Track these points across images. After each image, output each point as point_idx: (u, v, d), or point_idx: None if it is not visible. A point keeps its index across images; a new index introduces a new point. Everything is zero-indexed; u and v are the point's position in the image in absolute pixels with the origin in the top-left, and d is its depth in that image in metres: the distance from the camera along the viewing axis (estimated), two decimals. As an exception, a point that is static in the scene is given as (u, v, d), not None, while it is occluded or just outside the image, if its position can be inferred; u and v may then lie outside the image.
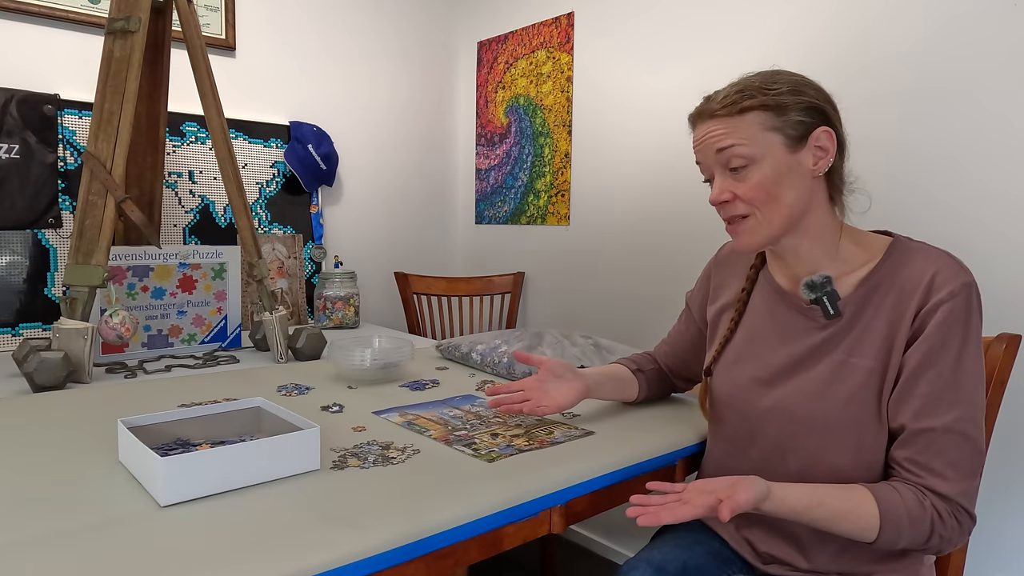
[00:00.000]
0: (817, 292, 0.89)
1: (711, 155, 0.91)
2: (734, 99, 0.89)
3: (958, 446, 0.82)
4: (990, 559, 1.38)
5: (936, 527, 0.81)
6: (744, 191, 0.89)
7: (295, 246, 2.14)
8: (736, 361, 1.01)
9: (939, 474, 0.81)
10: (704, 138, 0.91)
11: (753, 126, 0.87)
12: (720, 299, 1.09)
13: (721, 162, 0.90)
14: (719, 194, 0.91)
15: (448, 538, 0.75)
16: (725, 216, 0.93)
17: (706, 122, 0.91)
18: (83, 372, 1.30)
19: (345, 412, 1.13)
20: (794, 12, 1.65)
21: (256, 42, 2.09)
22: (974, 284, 0.85)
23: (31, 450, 0.91)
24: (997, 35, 1.34)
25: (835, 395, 0.88)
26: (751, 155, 0.87)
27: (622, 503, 0.98)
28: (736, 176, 0.89)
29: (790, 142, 0.87)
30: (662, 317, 1.95)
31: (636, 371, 1.19)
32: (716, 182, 0.92)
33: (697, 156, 0.94)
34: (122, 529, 0.69)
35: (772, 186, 0.88)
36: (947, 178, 1.42)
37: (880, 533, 0.80)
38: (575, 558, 2.17)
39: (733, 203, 0.90)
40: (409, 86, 2.49)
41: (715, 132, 0.89)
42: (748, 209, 0.89)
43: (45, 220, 1.69)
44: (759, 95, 0.88)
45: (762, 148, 0.87)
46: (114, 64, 1.34)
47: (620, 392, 1.17)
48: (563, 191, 2.26)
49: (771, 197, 0.88)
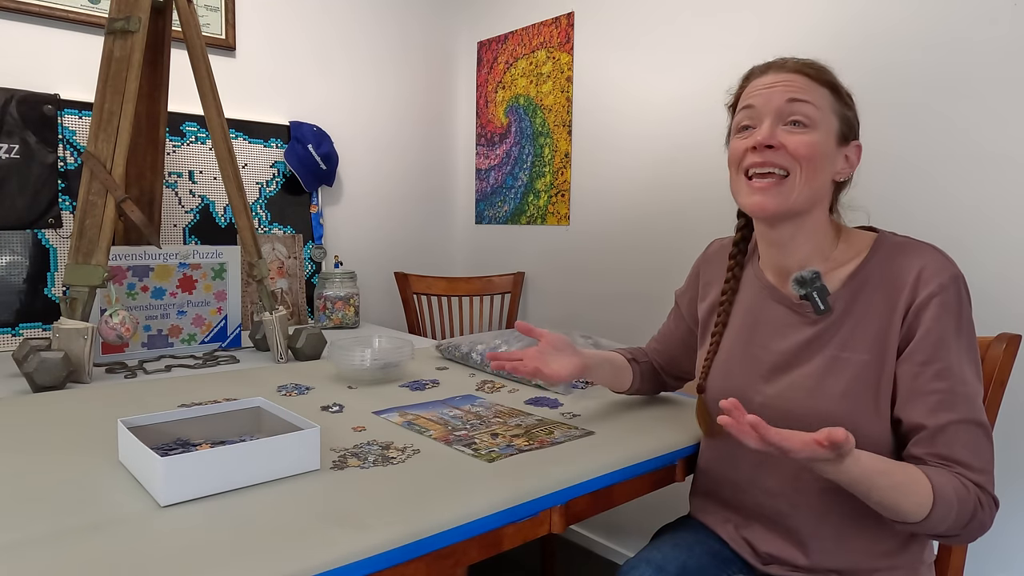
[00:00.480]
0: (807, 287, 0.90)
1: (777, 101, 0.88)
2: (818, 67, 0.90)
3: (976, 436, 0.82)
4: (990, 559, 1.38)
5: (978, 511, 0.81)
6: (796, 145, 0.87)
7: (295, 246, 2.14)
8: (728, 359, 1.01)
9: (967, 464, 0.82)
10: (777, 83, 0.89)
11: (825, 99, 0.89)
12: (709, 296, 1.09)
13: (784, 113, 0.88)
14: (769, 136, 0.88)
15: (448, 538, 0.75)
16: (760, 162, 0.89)
17: (781, 73, 0.90)
18: (83, 372, 1.30)
19: (345, 412, 1.13)
20: (794, 12, 1.65)
21: (256, 42, 2.09)
22: (961, 276, 0.86)
23: (31, 450, 0.91)
24: (997, 35, 1.34)
25: (829, 390, 0.88)
26: (817, 120, 0.88)
27: (622, 503, 0.99)
28: (791, 131, 0.88)
29: (840, 135, 0.90)
30: (662, 317, 1.94)
31: (631, 360, 1.19)
32: (766, 125, 0.88)
33: (752, 99, 0.91)
34: (122, 529, 0.69)
35: (820, 156, 0.88)
36: (946, 178, 1.42)
37: (932, 510, 0.78)
38: (575, 558, 2.17)
39: (778, 151, 0.88)
40: (409, 86, 2.49)
41: (793, 83, 0.88)
42: (790, 164, 0.87)
43: (45, 220, 1.69)
44: (834, 77, 0.91)
45: (825, 122, 0.89)
46: (114, 64, 1.34)
47: (614, 378, 1.16)
48: (563, 191, 2.26)
49: (815, 164, 0.88)
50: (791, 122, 0.88)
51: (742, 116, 0.92)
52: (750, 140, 0.89)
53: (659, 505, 1.64)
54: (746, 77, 0.95)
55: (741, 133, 0.93)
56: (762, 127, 0.89)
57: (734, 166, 0.93)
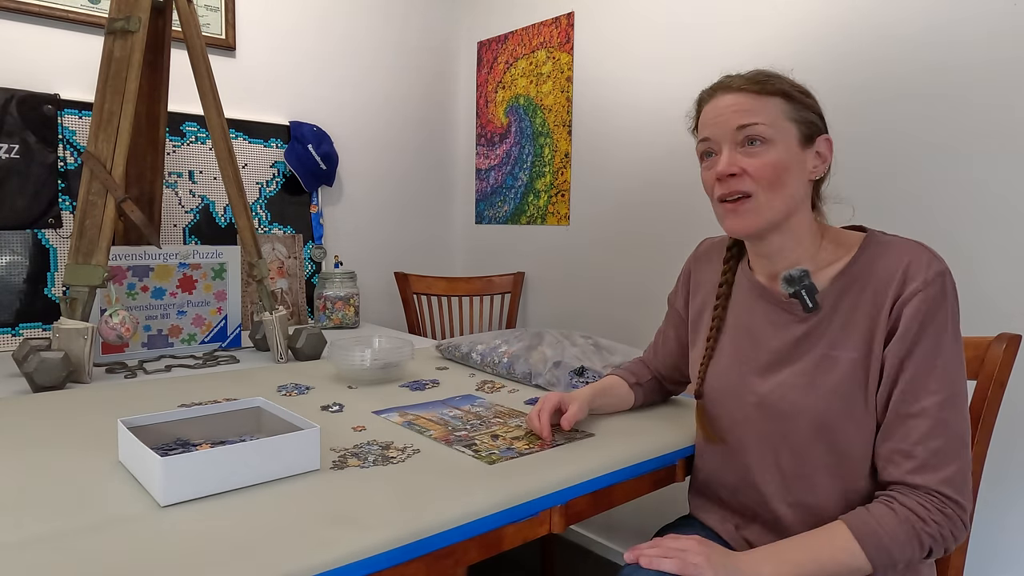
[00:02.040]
0: (795, 286, 0.90)
1: (728, 129, 0.89)
2: (761, 80, 0.90)
3: (937, 433, 0.82)
4: (991, 559, 1.37)
5: (921, 532, 0.79)
6: (755, 168, 0.88)
7: (295, 246, 2.14)
8: (722, 360, 1.01)
9: (921, 462, 0.81)
10: (725, 110, 0.90)
11: (776, 110, 0.89)
12: (700, 295, 1.09)
13: (737, 138, 0.89)
14: (729, 165, 0.89)
15: (448, 538, 0.75)
16: (726, 192, 0.90)
17: (727, 95, 0.90)
18: (83, 372, 1.30)
19: (345, 412, 1.13)
20: (793, 12, 1.65)
21: (256, 42, 2.09)
22: (947, 272, 0.85)
23: (31, 450, 0.91)
24: (997, 35, 1.34)
25: (819, 388, 0.89)
26: (771, 136, 0.88)
27: (622, 503, 0.99)
28: (748, 152, 0.89)
29: (802, 138, 0.90)
30: (661, 316, 1.94)
31: (634, 384, 1.19)
32: (724, 156, 0.90)
33: (707, 131, 0.92)
34: (122, 529, 0.69)
35: (782, 171, 0.88)
36: (946, 178, 1.42)
37: (870, 561, 0.79)
38: (575, 558, 2.17)
39: (740, 178, 0.89)
40: (409, 86, 2.49)
41: (739, 107, 0.89)
42: (753, 188, 0.88)
43: (45, 220, 1.69)
44: (783, 83, 0.90)
45: (780, 133, 0.89)
46: (114, 64, 1.34)
47: (618, 406, 1.18)
48: (563, 191, 2.26)
49: (779, 181, 0.88)
50: (747, 141, 0.89)
51: (703, 147, 0.94)
52: (713, 172, 0.91)
53: (659, 505, 1.64)
54: (698, 102, 0.96)
55: (706, 162, 0.94)
56: (721, 157, 0.90)
57: (709, 194, 0.95)
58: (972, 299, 1.33)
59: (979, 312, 1.34)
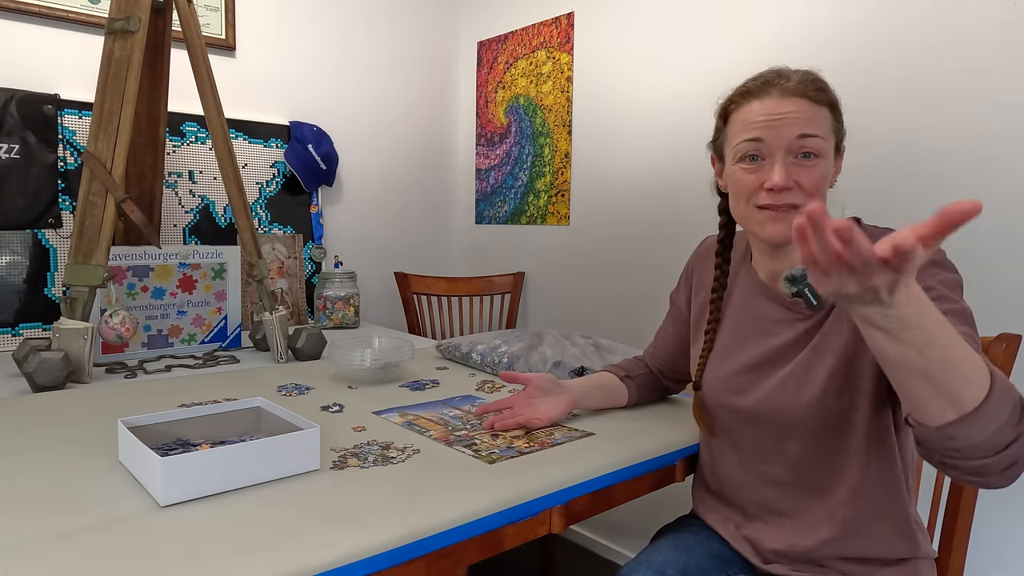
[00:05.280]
0: (798, 284, 0.90)
1: (787, 137, 0.86)
2: (820, 87, 0.88)
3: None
4: (991, 559, 1.37)
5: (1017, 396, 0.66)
6: (808, 182, 0.86)
7: (295, 246, 2.14)
8: (722, 355, 1.02)
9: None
10: (786, 115, 0.86)
11: (826, 121, 0.88)
12: (702, 293, 1.10)
13: (793, 147, 0.86)
14: (787, 179, 0.86)
15: (448, 538, 0.75)
16: (776, 203, 0.87)
17: (786, 99, 0.87)
18: (83, 372, 1.30)
19: (345, 412, 1.13)
20: (793, 11, 1.64)
21: (256, 42, 2.09)
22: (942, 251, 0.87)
23: (31, 450, 0.91)
24: (997, 35, 1.34)
25: (820, 378, 0.89)
26: (824, 151, 0.87)
27: (622, 503, 0.99)
28: (800, 164, 0.87)
29: (834, 149, 0.90)
30: (662, 315, 1.95)
31: (624, 378, 1.19)
32: (779, 167, 0.86)
33: (757, 131, 0.87)
34: (122, 529, 0.69)
35: (824, 184, 0.88)
36: (946, 178, 1.42)
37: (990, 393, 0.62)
38: (575, 558, 2.17)
39: (793, 191, 0.87)
40: (409, 86, 2.49)
41: (801, 114, 0.86)
42: (802, 200, 0.87)
43: (45, 220, 1.69)
44: (832, 94, 0.89)
45: (828, 145, 0.88)
46: (114, 64, 1.34)
47: (609, 400, 1.17)
48: (563, 191, 2.25)
49: (820, 192, 0.87)
50: (802, 153, 0.87)
51: (747, 147, 0.89)
52: (765, 181, 0.87)
53: (659, 505, 1.64)
54: (742, 94, 0.92)
55: (747, 163, 0.90)
56: (775, 168, 0.86)
57: (743, 197, 0.91)
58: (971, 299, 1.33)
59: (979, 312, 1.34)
